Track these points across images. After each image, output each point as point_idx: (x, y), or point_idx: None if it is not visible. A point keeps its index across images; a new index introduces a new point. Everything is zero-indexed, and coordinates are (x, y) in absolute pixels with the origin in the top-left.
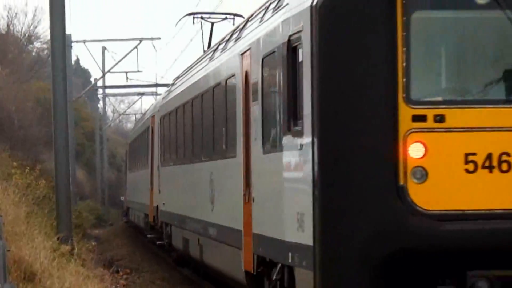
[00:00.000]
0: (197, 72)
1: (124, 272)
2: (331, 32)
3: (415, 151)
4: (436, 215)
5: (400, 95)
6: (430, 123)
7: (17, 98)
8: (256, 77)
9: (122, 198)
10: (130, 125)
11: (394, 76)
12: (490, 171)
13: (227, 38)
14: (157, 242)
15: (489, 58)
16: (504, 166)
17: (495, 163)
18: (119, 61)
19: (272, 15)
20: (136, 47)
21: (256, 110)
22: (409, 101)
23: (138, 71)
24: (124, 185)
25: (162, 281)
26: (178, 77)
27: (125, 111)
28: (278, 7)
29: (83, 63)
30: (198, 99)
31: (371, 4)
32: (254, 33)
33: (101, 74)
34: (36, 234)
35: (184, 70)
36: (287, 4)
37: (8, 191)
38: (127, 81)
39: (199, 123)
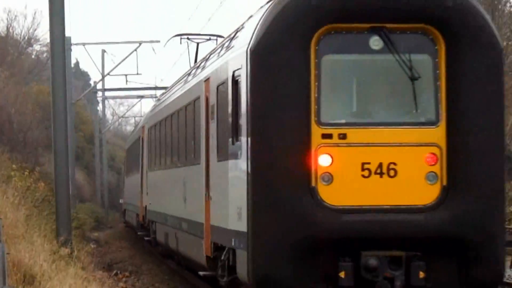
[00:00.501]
0: (176, 91)
1: (123, 275)
2: (260, 70)
3: (323, 161)
4: (339, 209)
5: (313, 119)
6: (335, 139)
7: (16, 101)
8: (213, 100)
9: (121, 201)
10: (129, 128)
11: (308, 104)
12: (381, 176)
13: (197, 65)
14: (145, 238)
15: (380, 90)
16: (392, 173)
17: (384, 170)
18: (119, 64)
19: (225, 53)
20: (135, 49)
21: (212, 127)
22: (319, 123)
23: (137, 73)
24: (123, 189)
25: (161, 284)
26: (163, 93)
27: (124, 114)
28: (229, 47)
29: (82, 66)
30: (175, 115)
31: (291, 49)
32: (213, 65)
33: (100, 77)
34: (35, 237)
35: (169, 87)
36: (233, 46)
37: (7, 193)
38: (126, 83)
39: (176, 135)
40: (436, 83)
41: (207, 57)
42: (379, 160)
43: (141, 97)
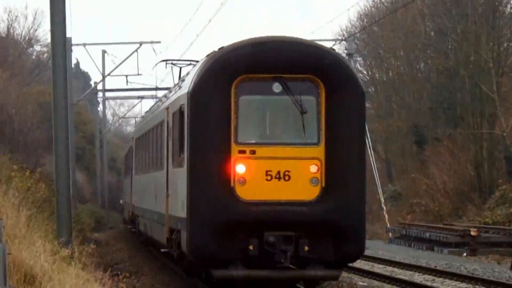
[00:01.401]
0: (152, 112)
1: (124, 275)
2: (195, 106)
3: (239, 169)
4: (249, 202)
5: (232, 140)
6: (247, 154)
7: (17, 101)
8: (170, 124)
9: (121, 201)
10: (130, 128)
11: (229, 130)
12: (279, 180)
13: (165, 95)
14: (132, 230)
15: (280, 120)
16: (286, 178)
17: (281, 176)
18: (119, 65)
19: (178, 90)
20: (136, 50)
21: (170, 143)
22: (236, 142)
23: (138, 74)
24: (122, 189)
25: (162, 285)
26: (148, 111)
27: (125, 115)
28: (180, 87)
29: (83, 67)
30: (150, 132)
31: (217, 92)
32: (171, 98)
33: (101, 78)
34: (36, 238)
35: (151, 106)
36: (182, 87)
37: (8, 194)
38: (127, 84)
39: (151, 147)
40: (318, 116)
41: (170, 90)
42: (278, 168)
43: (142, 97)
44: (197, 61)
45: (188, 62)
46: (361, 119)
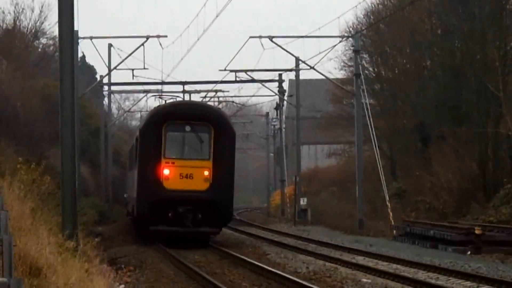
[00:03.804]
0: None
1: (128, 269)
2: (142, 137)
3: (165, 171)
4: (170, 190)
5: (162, 155)
6: (170, 164)
7: (22, 94)
8: (134, 144)
9: (125, 195)
10: (134, 123)
11: (161, 150)
12: (187, 178)
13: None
14: (126, 212)
15: (189, 146)
16: (191, 177)
17: (188, 176)
18: (125, 58)
19: (140, 124)
20: (142, 44)
21: (135, 153)
22: (164, 157)
23: (144, 68)
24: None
25: (166, 278)
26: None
27: (130, 109)
28: (139, 123)
29: (88, 60)
30: (133, 143)
31: (155, 129)
32: (140, 123)
33: (106, 71)
34: (41, 230)
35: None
36: (139, 123)
37: (13, 186)
38: (133, 78)
39: (133, 153)
40: (210, 143)
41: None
42: (186, 172)
43: (147, 92)
44: (179, 96)
45: (170, 97)
46: (231, 146)
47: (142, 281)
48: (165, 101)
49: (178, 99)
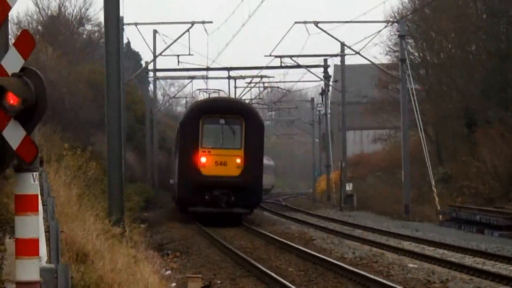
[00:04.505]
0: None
1: (174, 255)
2: (182, 128)
3: (203, 160)
4: (207, 175)
5: (200, 145)
6: (206, 153)
7: (68, 80)
8: (178, 132)
9: (171, 181)
10: (180, 109)
11: (198, 140)
12: (221, 165)
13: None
14: (172, 197)
15: (225, 136)
16: (225, 164)
17: (223, 163)
18: (171, 44)
19: (180, 117)
20: (187, 30)
21: (176, 143)
22: (201, 146)
23: (189, 54)
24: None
25: (213, 264)
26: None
27: (175, 95)
28: (180, 116)
29: (133, 46)
30: (176, 134)
31: (193, 121)
32: (180, 117)
33: (152, 57)
34: (87, 216)
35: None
36: (180, 116)
37: (59, 172)
38: (178, 64)
39: (175, 142)
40: (241, 135)
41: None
42: (221, 160)
43: (192, 77)
44: (221, 90)
45: (213, 90)
46: (261, 136)
47: (188, 267)
48: (209, 94)
49: (214, 94)
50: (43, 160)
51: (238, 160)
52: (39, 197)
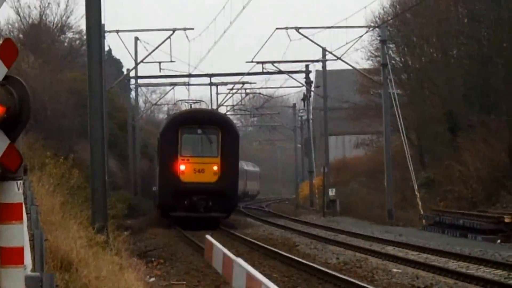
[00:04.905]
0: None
1: (158, 262)
2: (162, 138)
3: (181, 167)
4: (186, 182)
5: (179, 154)
6: (185, 161)
7: (50, 88)
8: (158, 141)
9: (154, 188)
10: (162, 115)
11: (177, 149)
12: (199, 172)
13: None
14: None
15: (202, 145)
16: (203, 171)
17: (201, 170)
18: (152, 51)
19: (159, 127)
20: (169, 37)
21: (158, 152)
22: (180, 155)
23: (171, 61)
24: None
25: (196, 271)
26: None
27: (157, 102)
28: (159, 127)
29: (114, 53)
30: (157, 143)
31: (172, 132)
32: (160, 127)
33: (133, 64)
34: (71, 224)
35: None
36: (160, 127)
37: (42, 180)
38: (160, 71)
39: (156, 151)
40: (217, 143)
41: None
42: (199, 167)
43: (174, 84)
44: (202, 101)
45: (194, 101)
46: (236, 145)
47: (172, 274)
48: (191, 105)
49: (196, 105)
50: (27, 168)
51: (215, 168)
52: (23, 205)
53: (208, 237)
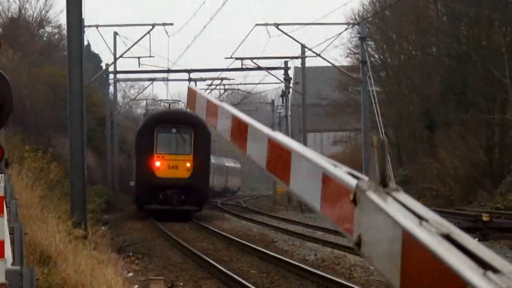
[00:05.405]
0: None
1: (136, 257)
2: (139, 136)
3: (157, 163)
4: (161, 177)
5: (155, 151)
6: (160, 158)
7: (29, 82)
8: (136, 139)
9: (131, 183)
10: (140, 111)
11: (153, 147)
12: (173, 168)
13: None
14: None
15: (176, 143)
16: (176, 167)
17: (174, 167)
18: (131, 47)
19: (140, 123)
20: (148, 32)
21: (134, 149)
22: (156, 152)
23: (150, 56)
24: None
25: (174, 266)
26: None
27: (136, 97)
28: (138, 124)
29: (93, 48)
30: (134, 141)
31: (149, 130)
32: (138, 126)
33: (112, 59)
34: (50, 218)
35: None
36: (139, 124)
37: (21, 174)
38: (139, 66)
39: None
40: (191, 142)
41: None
42: (173, 164)
43: (153, 79)
44: (180, 101)
45: (172, 101)
46: (208, 143)
47: (150, 269)
48: (169, 104)
49: (171, 103)
50: (8, 162)
51: (188, 164)
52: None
53: (191, 86)
